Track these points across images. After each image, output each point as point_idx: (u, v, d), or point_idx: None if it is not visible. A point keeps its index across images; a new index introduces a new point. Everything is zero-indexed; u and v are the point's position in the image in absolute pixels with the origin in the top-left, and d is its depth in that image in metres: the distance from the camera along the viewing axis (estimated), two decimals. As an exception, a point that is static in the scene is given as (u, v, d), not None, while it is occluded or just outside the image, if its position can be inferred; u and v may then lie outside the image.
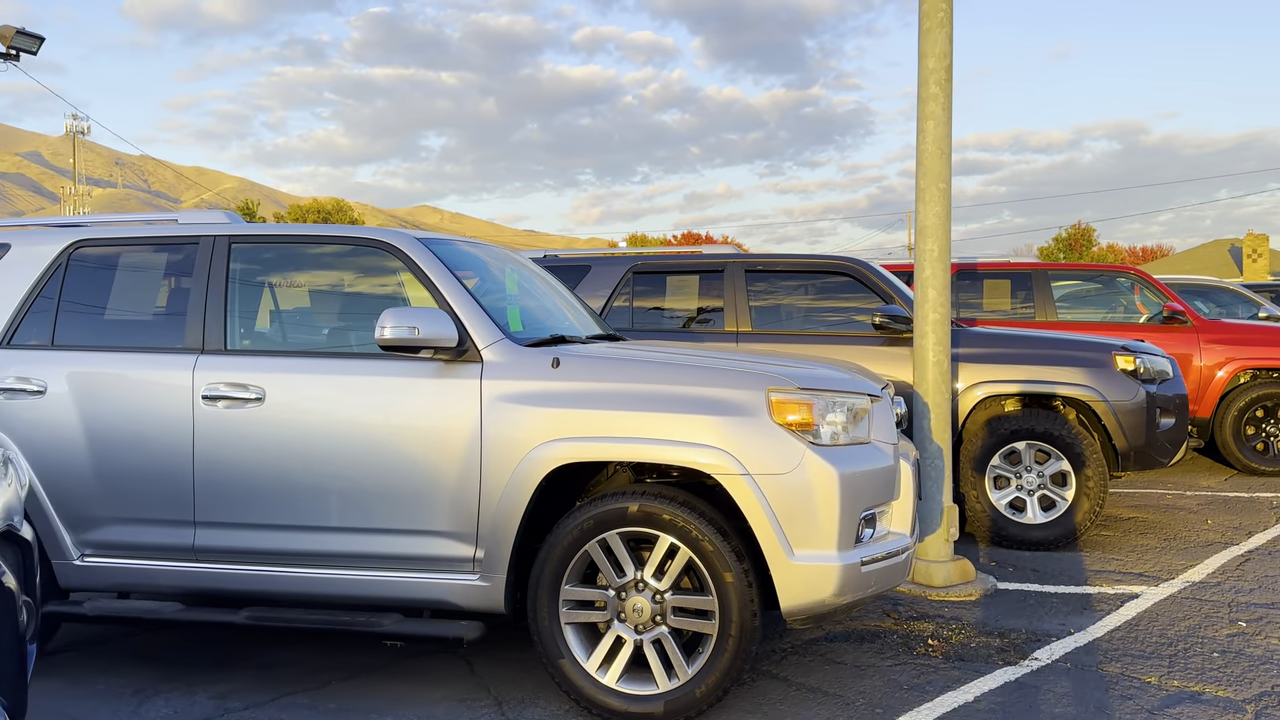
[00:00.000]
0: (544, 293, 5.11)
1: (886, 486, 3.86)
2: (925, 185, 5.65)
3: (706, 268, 7.21)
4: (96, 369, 4.29)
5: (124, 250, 4.50)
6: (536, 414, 3.81)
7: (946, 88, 5.60)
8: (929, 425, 5.64)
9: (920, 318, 5.68)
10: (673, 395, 3.74)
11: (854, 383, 3.96)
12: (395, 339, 3.79)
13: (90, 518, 4.24)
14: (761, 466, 3.61)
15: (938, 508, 5.63)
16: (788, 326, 7.00)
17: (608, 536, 3.74)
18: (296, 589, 4.09)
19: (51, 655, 4.65)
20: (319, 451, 4.00)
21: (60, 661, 4.58)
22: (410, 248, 4.15)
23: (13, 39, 17.93)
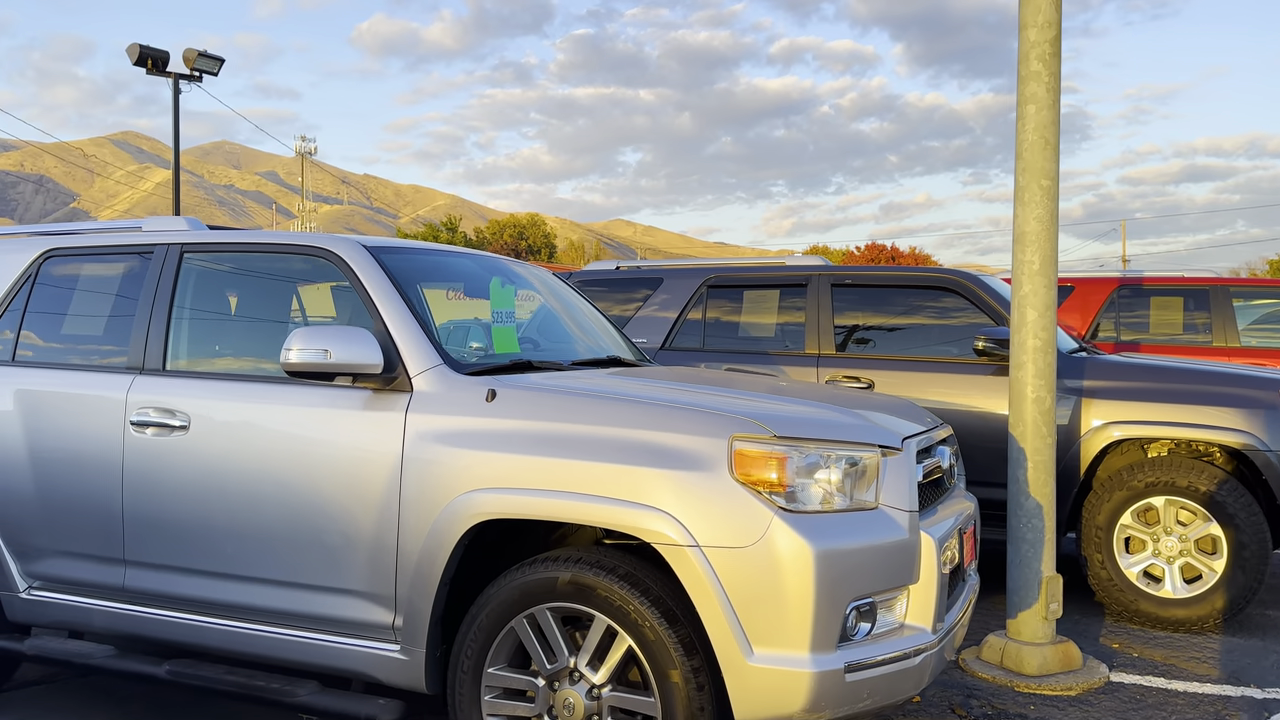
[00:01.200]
0: (553, 311, 4.46)
1: (896, 567, 2.98)
2: (1025, 182, 4.63)
3: (788, 281, 6.36)
4: (42, 387, 3.96)
5: (88, 260, 4.18)
6: (462, 456, 3.16)
7: (1052, 64, 4.58)
8: (1025, 476, 4.61)
9: (1017, 344, 4.66)
10: (619, 440, 3.00)
11: (858, 429, 3.10)
12: (304, 363, 3.24)
13: (36, 548, 3.92)
14: (714, 537, 2.82)
15: (1034, 578, 4.59)
16: (878, 350, 6.04)
17: (537, 612, 3.04)
18: (220, 644, 3.60)
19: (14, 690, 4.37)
20: (237, 491, 3.50)
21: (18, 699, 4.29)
22: (351, 255, 3.60)
23: (195, 61, 18.96)
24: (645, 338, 6.51)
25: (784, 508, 2.83)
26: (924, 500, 3.29)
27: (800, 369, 6.05)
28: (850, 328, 6.13)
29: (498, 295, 4.12)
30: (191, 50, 18.84)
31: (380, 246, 3.72)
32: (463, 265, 4.20)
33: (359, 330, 3.28)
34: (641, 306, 6.62)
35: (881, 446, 3.09)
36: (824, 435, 3.00)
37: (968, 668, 4.63)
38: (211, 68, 19.27)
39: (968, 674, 4.58)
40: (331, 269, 3.64)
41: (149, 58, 18.52)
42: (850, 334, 6.11)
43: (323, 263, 3.66)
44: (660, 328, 6.51)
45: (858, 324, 6.15)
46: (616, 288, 6.86)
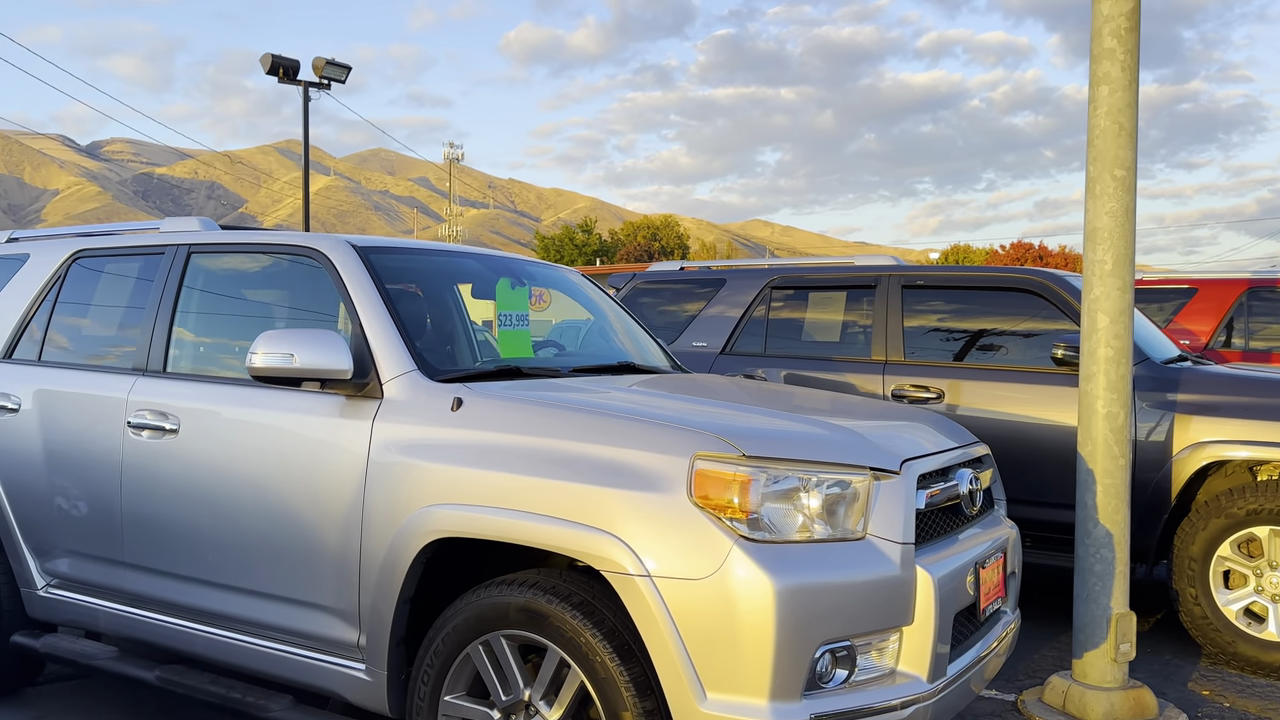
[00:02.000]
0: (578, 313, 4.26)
1: (884, 607, 2.64)
2: (1097, 173, 4.15)
3: (856, 282, 5.96)
4: (58, 387, 4.00)
5: (110, 260, 4.20)
6: (423, 469, 2.98)
7: (1128, 40, 4.08)
8: (1093, 500, 4.13)
9: (1087, 353, 4.19)
10: (580, 456, 2.76)
11: (846, 448, 2.77)
12: (268, 368, 3.12)
13: (52, 547, 3.96)
14: (668, 566, 2.55)
15: (1103, 614, 4.11)
16: (949, 357, 5.59)
17: (492, 639, 2.83)
18: (206, 652, 3.53)
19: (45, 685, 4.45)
20: (220, 498, 3.41)
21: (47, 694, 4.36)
22: (337, 255, 3.47)
23: (324, 69, 19.60)
24: (706, 341, 6.23)
25: (746, 536, 2.53)
26: (933, 530, 2.92)
27: (865, 376, 5.66)
28: (921, 332, 5.69)
29: (506, 297, 3.93)
30: (320, 59, 19.50)
31: (371, 246, 3.58)
32: (467, 266, 4.03)
33: (328, 334, 3.15)
34: (704, 309, 6.34)
35: (874, 469, 2.75)
36: (803, 455, 2.68)
37: (1026, 711, 4.18)
38: (339, 75, 19.90)
39: (1025, 718, 4.13)
40: (320, 269, 3.52)
41: (280, 67, 19.26)
42: (921, 339, 5.67)
43: (312, 263, 3.55)
44: (722, 331, 6.21)
45: (929, 328, 5.71)
46: (681, 289, 6.60)
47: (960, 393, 5.40)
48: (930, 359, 5.59)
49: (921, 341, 5.66)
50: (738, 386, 3.84)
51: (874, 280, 5.87)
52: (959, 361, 5.52)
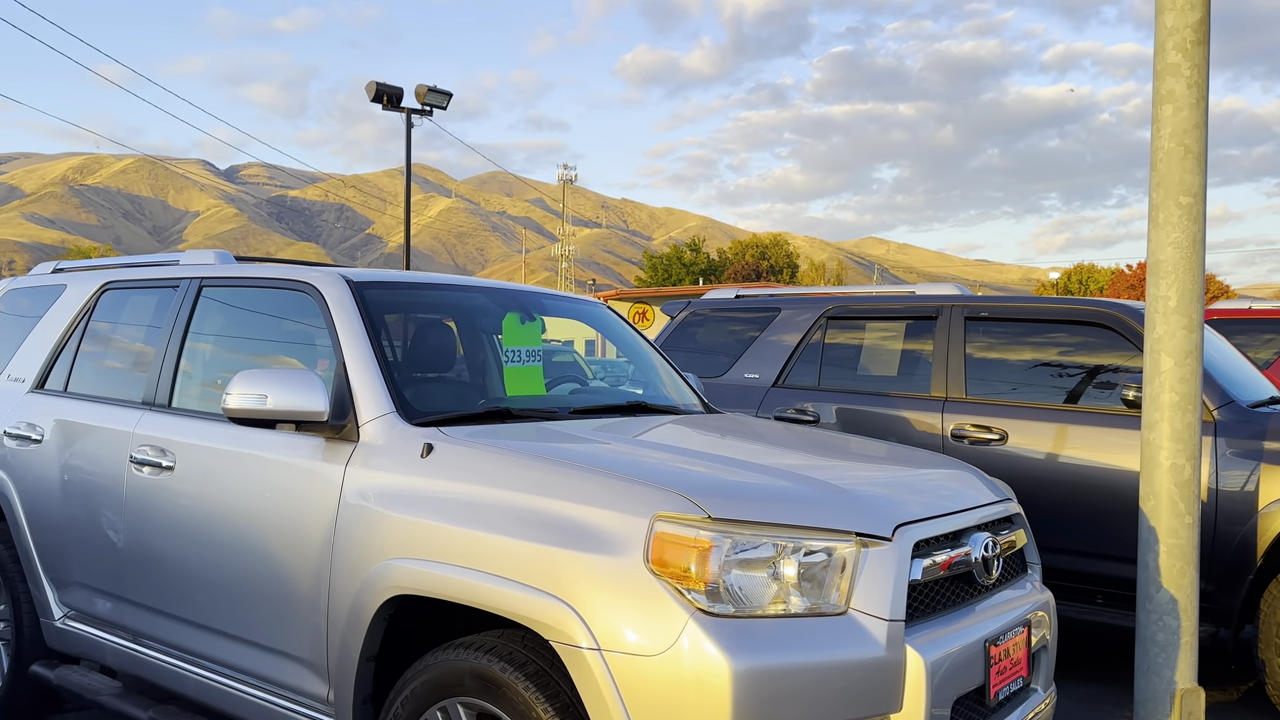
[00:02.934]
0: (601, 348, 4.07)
1: (866, 692, 2.36)
2: (1160, 200, 3.77)
3: (916, 313, 5.61)
4: (75, 418, 4.02)
5: (134, 292, 4.22)
6: (387, 520, 2.83)
7: (1194, 54, 3.69)
8: (1155, 562, 3.73)
9: (1150, 399, 3.79)
10: (539, 512, 2.57)
11: (830, 510, 2.50)
12: (241, 409, 3.02)
13: (68, 578, 3.97)
14: (619, 640, 2.33)
15: (1165, 689, 3.70)
16: (1014, 394, 5.19)
17: (449, 705, 2.65)
18: (196, 694, 3.46)
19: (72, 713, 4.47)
20: (209, 538, 3.34)
21: (67, 721, 4.39)
22: (329, 290, 3.37)
23: (426, 96, 20.00)
24: (758, 373, 5.97)
25: (704, 609, 2.29)
26: (935, 603, 2.63)
27: (923, 414, 5.31)
28: (985, 368, 5.31)
29: (515, 332, 3.78)
30: (422, 86, 19.91)
31: (367, 281, 3.47)
32: (473, 300, 3.89)
33: (304, 374, 3.04)
34: (756, 339, 6.08)
35: (860, 535, 2.48)
36: (779, 518, 2.43)
37: (1079, 792, 3.79)
38: (440, 102, 20.28)
39: (1076, 800, 3.74)
40: (313, 304, 3.42)
41: (385, 94, 19.73)
42: (984, 375, 5.30)
43: (306, 298, 3.46)
44: (774, 362, 5.94)
45: (994, 364, 5.33)
46: (736, 317, 6.36)
47: (1025, 434, 5.01)
48: (994, 396, 5.21)
49: (985, 377, 5.29)
50: (743, 431, 3.59)
51: (935, 311, 5.52)
52: (1025, 400, 5.12)
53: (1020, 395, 5.16)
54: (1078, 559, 4.82)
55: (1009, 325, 5.35)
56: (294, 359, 3.58)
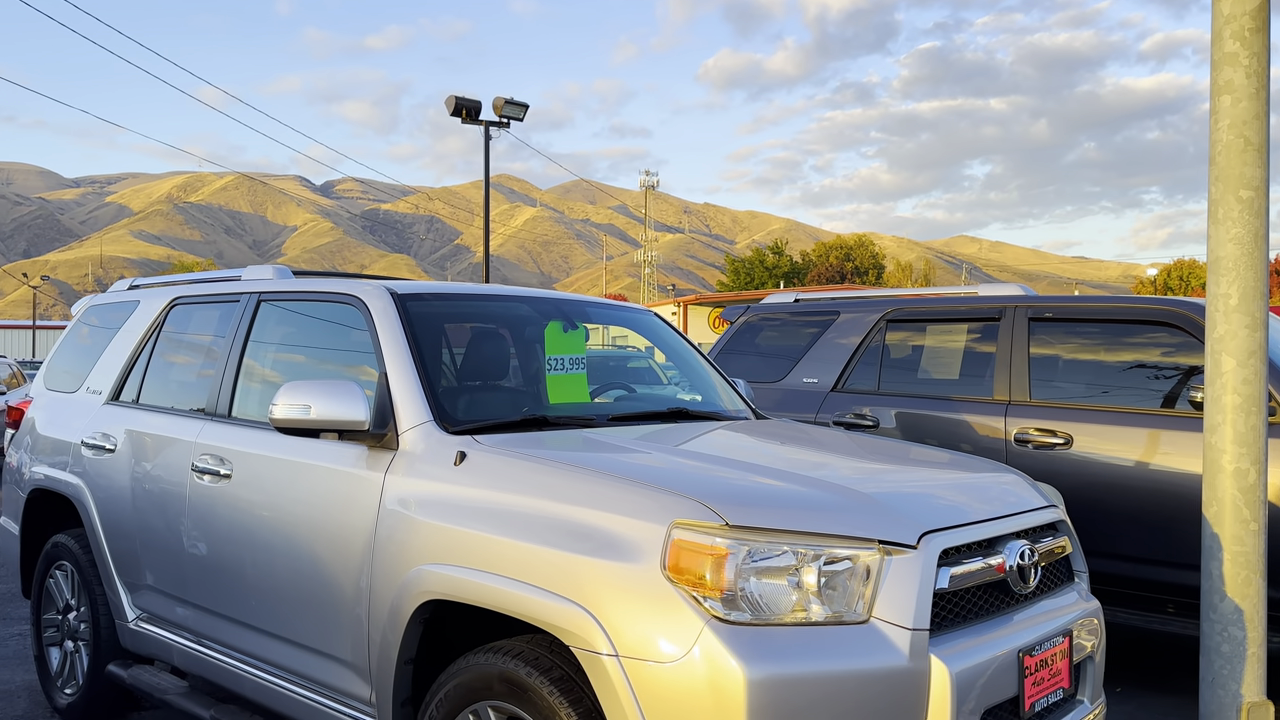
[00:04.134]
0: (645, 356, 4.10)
1: (885, 703, 2.33)
2: (1219, 194, 3.63)
3: (978, 314, 5.50)
4: (143, 428, 4.20)
5: (199, 307, 4.39)
6: (422, 526, 2.90)
7: (1253, 43, 3.55)
8: (1220, 570, 3.59)
9: (1211, 401, 3.66)
10: (563, 520, 2.60)
11: (852, 518, 2.48)
12: (287, 419, 3.12)
13: (138, 581, 4.15)
14: (637, 647, 2.34)
15: (1231, 702, 3.56)
16: (1080, 397, 5.04)
17: (480, 708, 2.70)
18: (252, 695, 3.59)
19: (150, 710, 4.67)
20: (261, 544, 3.46)
21: (143, 719, 4.58)
22: (373, 301, 3.46)
23: (503, 109, 20.32)
24: (816, 378, 5.91)
25: (720, 617, 2.29)
26: (965, 613, 2.58)
27: (985, 418, 5.20)
28: (1049, 370, 5.18)
29: (557, 341, 3.83)
30: (500, 98, 20.23)
31: (410, 293, 3.56)
32: (516, 310, 3.94)
33: (347, 385, 3.13)
34: (812, 344, 6.03)
35: (884, 542, 2.45)
36: (800, 525, 2.42)
37: (1141, 808, 3.66)
38: (517, 114, 20.58)
39: (1138, 817, 3.62)
40: (359, 316, 3.52)
41: (464, 108, 20.11)
42: (1049, 378, 5.16)
43: (353, 310, 3.56)
44: (833, 367, 5.88)
45: (1058, 366, 5.19)
46: (795, 322, 6.31)
47: (1091, 438, 4.86)
48: (1059, 399, 5.07)
49: (1049, 380, 5.15)
50: (782, 437, 3.56)
51: (998, 312, 5.40)
52: (1090, 403, 4.97)
53: (1085, 398, 5.02)
54: (1148, 567, 4.67)
55: (1074, 326, 5.20)
56: (343, 369, 3.68)
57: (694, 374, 4.35)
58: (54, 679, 4.65)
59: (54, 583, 4.69)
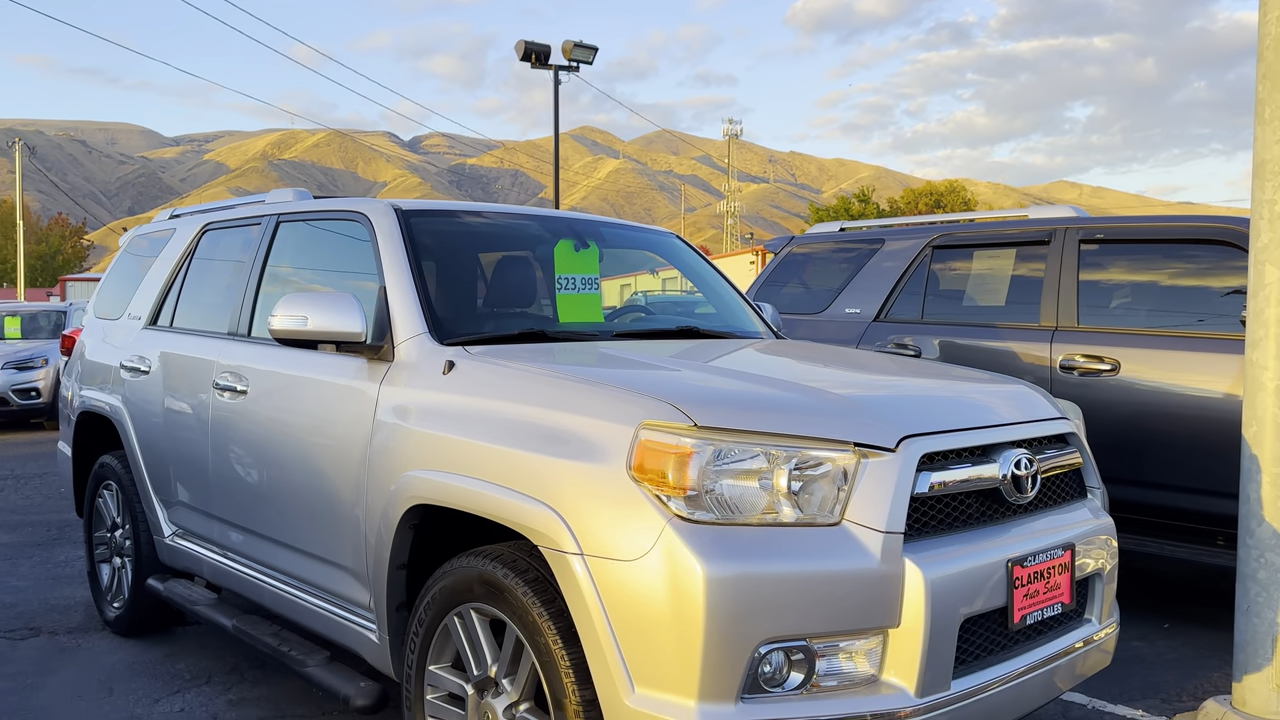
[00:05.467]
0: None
1: (859, 604, 2.26)
2: (1265, 93, 3.39)
3: (1027, 238, 5.27)
4: (173, 350, 4.31)
5: (227, 231, 4.46)
6: (410, 434, 2.91)
7: (1307, -79, 3.28)
8: (1258, 494, 3.41)
9: (1254, 314, 3.45)
10: (540, 424, 2.58)
11: (827, 420, 2.40)
12: (285, 330, 3.16)
13: (172, 498, 4.28)
14: (601, 545, 2.31)
15: (1268, 630, 3.39)
16: (1130, 322, 4.81)
17: (464, 611, 2.71)
18: (272, 605, 3.68)
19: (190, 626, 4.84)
20: (272, 455, 3.53)
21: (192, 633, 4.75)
22: (376, 217, 3.46)
23: (572, 52, 20.17)
24: (859, 308, 5.76)
25: (683, 516, 2.24)
26: (953, 520, 2.49)
27: (1030, 345, 5.00)
28: (1099, 294, 4.95)
29: (567, 259, 3.78)
30: (569, 42, 20.08)
31: (414, 210, 3.55)
32: (525, 229, 3.89)
33: (345, 297, 3.14)
34: (855, 274, 5.87)
35: (860, 445, 2.36)
36: (771, 427, 2.35)
37: (1170, 739, 3.53)
38: (586, 57, 20.40)
39: (1165, 747, 3.50)
40: (366, 232, 3.52)
41: (533, 53, 20.02)
42: (1098, 302, 4.93)
43: (361, 227, 3.56)
44: (876, 296, 5.72)
45: (1109, 289, 4.95)
46: (840, 251, 6.15)
47: (1139, 363, 4.64)
48: (1107, 324, 4.84)
49: (1099, 304, 4.92)
50: (788, 352, 3.47)
51: (1047, 235, 5.17)
52: (1140, 328, 4.74)
53: (1136, 322, 4.78)
54: (1195, 497, 4.46)
55: (1125, 247, 4.95)
56: (352, 285, 3.70)
57: (715, 296, 4.27)
58: (104, 594, 4.85)
59: (102, 502, 4.88)
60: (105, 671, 4.26)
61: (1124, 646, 4.56)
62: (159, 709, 3.85)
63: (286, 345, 3.31)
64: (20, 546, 6.61)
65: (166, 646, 4.57)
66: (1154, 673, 4.23)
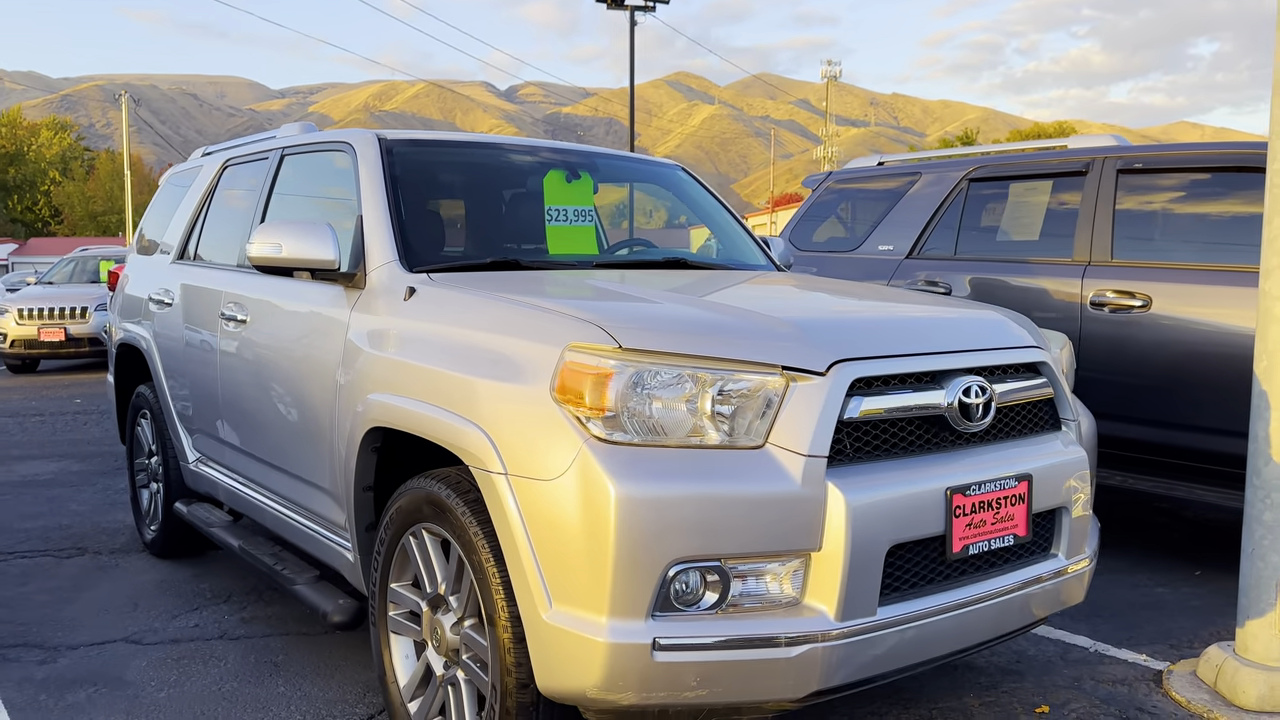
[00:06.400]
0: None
1: (772, 526, 2.23)
2: (1287, 2, 3.14)
3: (1064, 169, 5.03)
4: (191, 282, 4.45)
5: (242, 166, 4.55)
6: (372, 358, 2.96)
7: None
8: (1266, 432, 3.23)
9: (1267, 241, 3.25)
10: (481, 346, 2.59)
11: (755, 343, 2.35)
12: (261, 257, 3.22)
13: (194, 426, 4.45)
14: (524, 465, 2.32)
15: (1272, 575, 3.23)
16: (1167, 256, 4.57)
17: (417, 530, 2.77)
18: (272, 526, 3.82)
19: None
20: (265, 382, 3.64)
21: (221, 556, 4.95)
22: (360, 146, 3.50)
23: (648, -8, 19.86)
24: (892, 244, 5.61)
25: (600, 437, 2.24)
26: (890, 446, 2.42)
27: (1062, 281, 4.80)
28: (1134, 227, 4.71)
29: (558, 190, 3.77)
30: (645, -18, 19.79)
31: (398, 139, 3.57)
32: (512, 160, 3.88)
33: (320, 225, 3.19)
34: (891, 209, 5.70)
35: (787, 368, 2.31)
36: (697, 349, 2.31)
37: (1167, 685, 3.42)
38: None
39: (1162, 693, 3.38)
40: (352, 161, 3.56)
41: (610, -6, 19.79)
42: (1133, 235, 4.70)
43: (349, 157, 3.60)
44: (910, 232, 5.56)
45: (1146, 222, 4.71)
46: (877, 187, 5.98)
47: (1172, 299, 4.42)
48: (1142, 259, 4.61)
49: (1135, 238, 4.69)
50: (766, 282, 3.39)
51: (1085, 166, 4.93)
52: (1176, 262, 4.50)
53: (1172, 256, 4.54)
54: (1228, 439, 4.24)
55: (1166, 178, 4.69)
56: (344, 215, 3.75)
57: (719, 231, 4.21)
58: (143, 518, 5.09)
59: (140, 430, 5.10)
60: (135, 589, 4.48)
61: (1147, 592, 4.41)
62: (175, 624, 4.05)
63: (268, 274, 3.39)
64: (88, 475, 6.98)
65: (196, 568, 4.78)
66: (1172, 618, 4.09)
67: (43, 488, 6.56)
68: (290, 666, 3.61)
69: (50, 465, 7.34)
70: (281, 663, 3.65)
